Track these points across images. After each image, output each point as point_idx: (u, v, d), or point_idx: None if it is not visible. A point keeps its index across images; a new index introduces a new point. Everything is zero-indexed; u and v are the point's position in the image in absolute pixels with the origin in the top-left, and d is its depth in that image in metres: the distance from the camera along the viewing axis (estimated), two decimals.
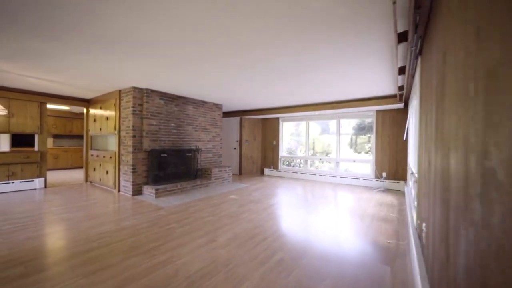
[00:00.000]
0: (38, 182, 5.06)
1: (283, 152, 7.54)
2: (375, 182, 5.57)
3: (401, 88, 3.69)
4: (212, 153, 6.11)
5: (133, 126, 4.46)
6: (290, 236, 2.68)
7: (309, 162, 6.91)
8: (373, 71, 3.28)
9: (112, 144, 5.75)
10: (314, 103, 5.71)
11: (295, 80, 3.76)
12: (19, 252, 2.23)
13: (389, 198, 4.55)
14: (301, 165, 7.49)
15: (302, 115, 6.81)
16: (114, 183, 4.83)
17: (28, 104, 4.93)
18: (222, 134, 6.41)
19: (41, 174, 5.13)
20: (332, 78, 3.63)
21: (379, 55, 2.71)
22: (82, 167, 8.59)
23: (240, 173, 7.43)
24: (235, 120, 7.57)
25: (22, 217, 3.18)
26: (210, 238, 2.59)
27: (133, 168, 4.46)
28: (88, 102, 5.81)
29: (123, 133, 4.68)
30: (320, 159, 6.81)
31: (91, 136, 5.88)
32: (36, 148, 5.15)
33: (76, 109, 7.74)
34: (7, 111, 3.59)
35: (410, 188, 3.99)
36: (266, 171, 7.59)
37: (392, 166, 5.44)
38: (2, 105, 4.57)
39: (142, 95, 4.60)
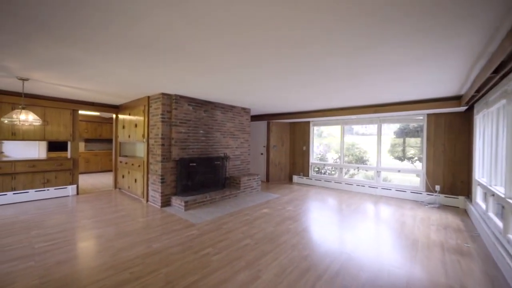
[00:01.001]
0: (70, 189, 5.09)
1: (314, 158, 7.01)
2: (426, 196, 4.87)
3: (475, 89, 3.04)
4: (240, 160, 5.79)
5: (162, 134, 4.26)
6: (351, 273, 2.23)
7: (344, 170, 6.31)
8: (442, 71, 2.70)
9: (140, 151, 5.65)
10: (353, 106, 5.14)
11: (340, 82, 3.27)
12: (49, 282, 2.03)
13: (451, 219, 3.87)
14: (333, 173, 6.92)
15: (337, 119, 6.24)
16: (143, 193, 4.68)
17: (62, 112, 4.96)
18: (249, 140, 6.07)
19: (73, 181, 5.15)
20: (384, 79, 3.09)
21: (462, 52, 2.15)
22: (111, 171, 8.76)
23: (268, 180, 7.04)
24: (262, 124, 7.19)
25: (54, 232, 3.06)
26: (253, 272, 2.22)
27: (161, 178, 4.26)
28: (117, 109, 5.78)
29: (151, 141, 4.51)
30: (358, 168, 6.18)
31: (120, 143, 5.84)
32: (68, 156, 5.18)
33: (105, 113, 7.86)
34: (41, 121, 3.54)
35: (483, 209, 3.32)
36: (295, 178, 7.12)
37: (447, 179, 4.70)
38: (38, 113, 4.61)
39: (171, 101, 4.38)
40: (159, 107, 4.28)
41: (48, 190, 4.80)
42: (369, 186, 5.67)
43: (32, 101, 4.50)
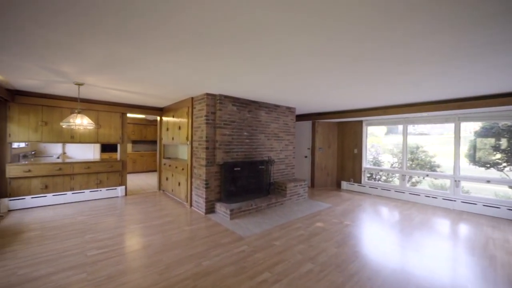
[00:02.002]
0: (120, 190, 5.23)
1: (367, 162, 6.18)
2: None
3: None
4: (284, 164, 5.32)
5: (206, 137, 4.03)
6: None
7: (406, 177, 5.38)
8: None
9: (183, 153, 5.59)
10: (425, 102, 4.26)
11: (418, 72, 2.57)
12: None
13: None
14: (390, 180, 5.99)
15: (398, 118, 5.35)
16: (186, 197, 4.54)
17: (112, 115, 5.12)
18: (294, 142, 5.56)
19: (122, 183, 5.30)
20: (468, 71, 2.32)
21: None
22: (154, 171, 9.10)
23: (313, 186, 6.43)
24: (307, 124, 6.61)
25: (105, 238, 3.00)
26: None
27: (206, 184, 4.03)
28: (161, 111, 5.81)
29: (195, 144, 4.33)
30: (427, 175, 5.20)
31: (163, 145, 5.87)
32: (118, 157, 5.34)
33: (150, 116, 8.15)
34: (94, 124, 3.60)
35: None
36: (344, 184, 6.37)
37: None
38: (92, 117, 4.81)
39: (215, 102, 4.13)
40: (203, 108, 4.06)
41: (100, 190, 4.99)
42: (443, 198, 4.68)
43: (87, 105, 4.70)
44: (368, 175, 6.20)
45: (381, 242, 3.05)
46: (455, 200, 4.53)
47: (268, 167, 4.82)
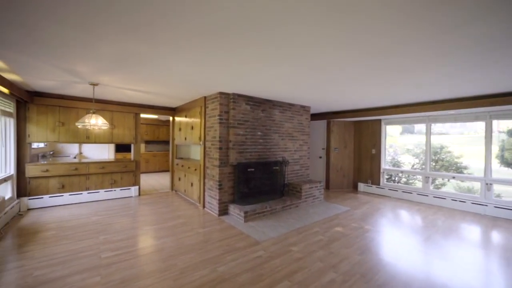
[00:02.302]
0: (133, 190, 5.25)
1: (386, 163, 5.89)
2: None
3: None
4: (299, 165, 5.15)
5: (219, 137, 3.93)
6: None
7: (429, 179, 5.06)
8: None
9: (196, 153, 5.54)
10: (449, 99, 3.96)
11: (451, 65, 2.33)
12: None
13: None
14: (411, 182, 5.68)
15: (421, 116, 5.04)
16: (199, 198, 4.47)
17: (126, 116, 5.14)
18: (308, 142, 5.37)
19: (135, 183, 5.31)
20: (505, 65, 2.06)
21: None
22: (167, 171, 9.17)
23: (328, 188, 6.21)
24: (321, 124, 6.40)
25: (119, 240, 2.96)
26: None
27: (219, 184, 3.93)
28: (173, 111, 5.79)
29: (208, 144, 4.25)
30: (453, 177, 4.86)
31: (176, 145, 5.85)
32: (132, 157, 5.36)
33: (163, 116, 8.19)
34: (108, 124, 3.59)
35: None
36: (361, 186, 6.10)
37: None
38: (106, 118, 4.84)
39: (228, 101, 4.03)
40: (217, 108, 3.97)
41: (115, 190, 5.02)
42: (472, 203, 4.34)
43: (102, 106, 4.74)
44: (387, 176, 5.91)
45: (407, 249, 2.83)
46: (486, 205, 4.19)
47: (282, 168, 4.67)
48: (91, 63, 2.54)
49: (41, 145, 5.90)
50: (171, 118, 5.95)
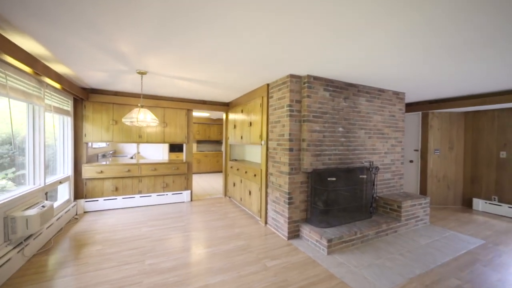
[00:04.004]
0: (185, 195, 4.73)
1: None
2: None
3: None
4: (390, 173, 3.79)
5: (289, 135, 2.96)
6: None
7: None
8: None
9: (253, 154, 4.72)
10: None
11: None
12: None
13: None
14: None
15: None
16: (260, 211, 3.58)
17: (178, 113, 4.65)
18: (402, 141, 3.94)
19: (187, 187, 4.79)
20: None
21: None
22: (218, 171, 8.74)
23: None
24: (413, 117, 4.82)
25: (166, 269, 2.26)
26: None
27: (289, 198, 2.96)
28: (227, 106, 5.10)
29: (272, 144, 3.32)
30: None
31: (229, 145, 5.15)
32: (184, 158, 4.86)
33: (214, 115, 7.73)
34: (158, 120, 3.02)
35: None
36: (479, 204, 4.30)
37: None
38: (158, 115, 4.42)
39: (301, 86, 3.02)
40: (285, 95, 3.00)
41: (166, 195, 4.57)
42: None
43: (154, 102, 4.32)
44: None
45: None
46: None
47: (370, 176, 3.41)
48: (132, 37, 1.86)
49: (103, 144, 5.99)
50: (224, 116, 5.28)
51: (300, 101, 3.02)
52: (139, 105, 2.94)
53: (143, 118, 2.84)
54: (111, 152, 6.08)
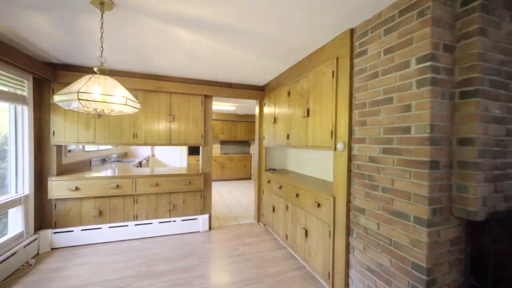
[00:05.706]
0: (201, 222, 3.22)
1: None
2: None
3: None
4: None
5: (430, 127, 1.22)
6: None
7: None
8: None
9: (311, 164, 3.03)
10: None
11: None
12: None
13: None
14: None
15: None
16: (329, 273, 1.89)
17: (191, 100, 3.15)
18: None
19: (205, 209, 3.27)
20: None
21: None
22: (246, 179, 7.21)
23: None
24: None
25: None
26: None
27: (427, 283, 1.22)
28: (262, 91, 3.49)
29: (364, 149, 1.61)
30: None
31: (265, 148, 3.51)
32: (200, 169, 3.36)
33: (241, 109, 6.21)
34: (139, 106, 1.53)
35: None
36: None
37: None
38: (162, 104, 2.98)
39: (454, 13, 1.26)
40: (414, 36, 1.27)
41: (174, 221, 3.11)
42: None
43: (156, 84, 2.89)
44: None
45: None
46: None
47: None
48: None
49: (109, 146, 4.80)
50: (257, 108, 3.67)
51: (455, 47, 1.26)
52: (95, 69, 1.45)
53: (99, 95, 1.34)
54: (114, 156, 4.87)
